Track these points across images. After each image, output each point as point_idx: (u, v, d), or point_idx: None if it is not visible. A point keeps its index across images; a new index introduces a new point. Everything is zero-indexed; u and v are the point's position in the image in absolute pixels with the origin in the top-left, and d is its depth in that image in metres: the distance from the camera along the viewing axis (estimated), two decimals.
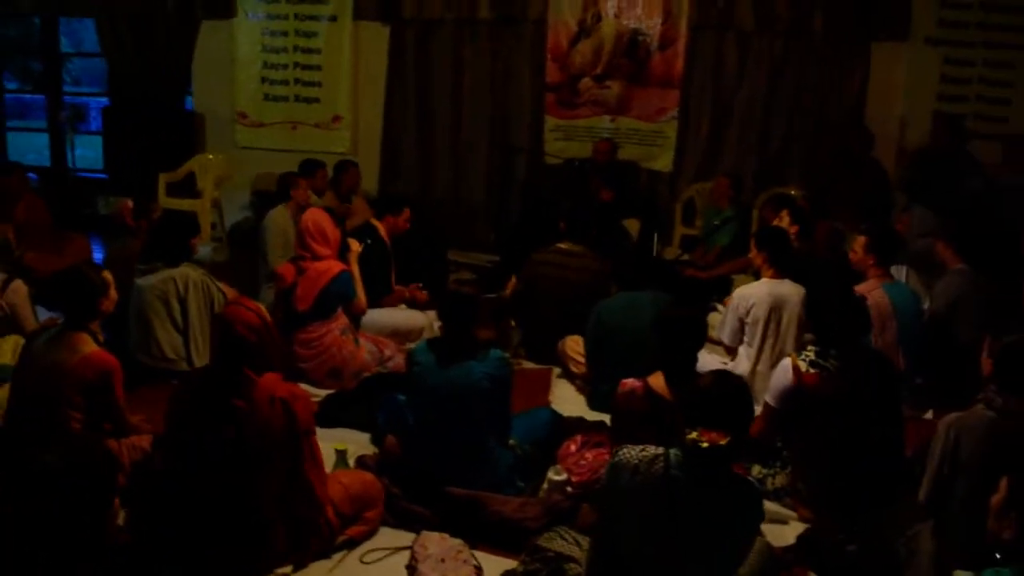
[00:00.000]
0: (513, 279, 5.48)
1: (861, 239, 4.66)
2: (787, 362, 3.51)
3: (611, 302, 4.51)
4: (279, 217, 5.79)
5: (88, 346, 3.33)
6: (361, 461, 3.63)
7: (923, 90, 7.29)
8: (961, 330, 4.55)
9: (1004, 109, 7.24)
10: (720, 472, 2.37)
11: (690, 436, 2.31)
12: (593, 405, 4.45)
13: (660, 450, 2.40)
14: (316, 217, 4.69)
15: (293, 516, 2.91)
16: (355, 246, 4.90)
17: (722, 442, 2.27)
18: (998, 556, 2.05)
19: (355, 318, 4.76)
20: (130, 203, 5.33)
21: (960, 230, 4.96)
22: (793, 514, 3.46)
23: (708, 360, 4.76)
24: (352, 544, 3.12)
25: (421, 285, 5.59)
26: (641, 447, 2.44)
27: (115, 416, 3.39)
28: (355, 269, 4.79)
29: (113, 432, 3.40)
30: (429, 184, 8.11)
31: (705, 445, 2.27)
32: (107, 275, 3.55)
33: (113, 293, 3.55)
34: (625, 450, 2.45)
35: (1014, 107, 7.21)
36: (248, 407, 2.81)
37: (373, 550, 3.12)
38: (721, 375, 2.57)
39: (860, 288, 4.55)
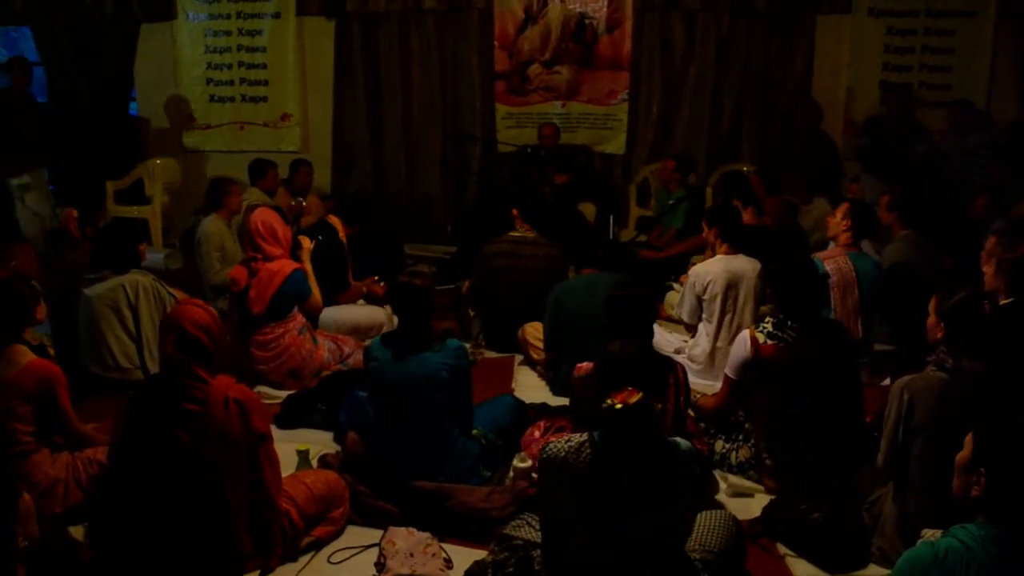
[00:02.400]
0: (468, 283, 5.43)
1: (844, 205, 4.74)
2: (745, 334, 3.54)
3: (569, 284, 4.51)
4: (212, 227, 5.64)
5: (26, 357, 3.26)
6: (324, 460, 3.59)
7: (868, 61, 7.38)
8: (912, 295, 4.62)
9: (946, 76, 7.34)
10: (643, 437, 2.32)
11: (605, 405, 2.29)
12: (555, 390, 4.45)
13: (584, 436, 2.40)
14: (265, 217, 4.62)
15: (256, 520, 2.86)
16: (306, 243, 4.84)
17: (632, 400, 2.26)
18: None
19: (312, 316, 4.70)
20: (75, 212, 5.21)
21: (907, 196, 5.03)
22: (758, 487, 3.49)
23: (669, 339, 4.81)
24: (319, 544, 3.09)
25: (378, 278, 5.54)
26: (567, 438, 2.43)
27: (64, 425, 3.32)
28: (308, 267, 4.73)
29: (66, 444, 3.33)
30: (383, 178, 8.04)
31: (619, 406, 2.26)
32: (36, 284, 3.50)
33: (42, 302, 3.51)
34: (551, 444, 2.45)
35: (956, 74, 7.32)
36: (202, 410, 2.75)
37: (341, 549, 3.09)
38: (623, 343, 2.55)
39: (825, 254, 4.61)
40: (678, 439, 2.46)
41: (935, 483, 2.64)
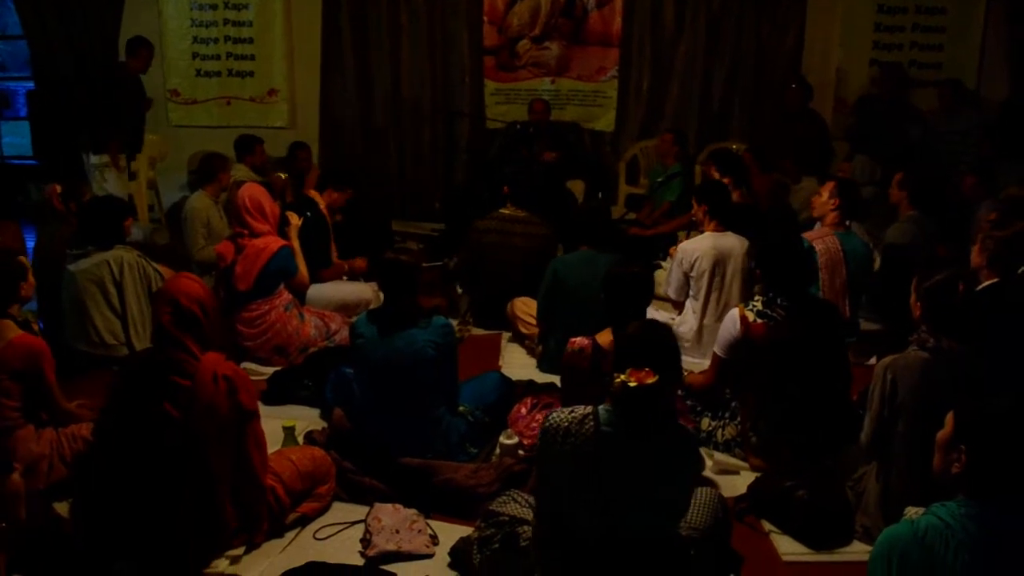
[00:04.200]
0: (460, 250, 5.42)
1: (829, 184, 4.70)
2: (735, 312, 3.54)
3: (568, 258, 4.50)
4: (199, 202, 5.60)
5: (11, 332, 3.24)
6: (310, 437, 3.59)
7: (858, 39, 7.37)
8: (907, 275, 4.62)
9: (937, 55, 7.34)
10: (651, 418, 2.33)
11: (618, 379, 2.29)
12: (543, 366, 4.46)
13: (589, 409, 2.39)
14: (252, 192, 4.58)
15: (241, 496, 2.86)
16: (294, 220, 4.81)
17: (649, 380, 2.26)
18: None
19: (299, 293, 4.67)
20: (58, 187, 5.15)
21: (919, 176, 5.01)
22: (744, 464, 3.51)
23: (656, 317, 4.79)
24: (305, 521, 3.08)
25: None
26: (570, 409, 2.42)
27: (49, 401, 3.30)
28: (296, 243, 4.70)
29: (50, 420, 3.31)
30: (371, 154, 7.98)
31: (633, 384, 2.25)
32: (23, 259, 3.46)
33: (30, 278, 3.47)
34: (554, 414, 2.43)
35: (947, 52, 7.32)
36: (191, 385, 2.73)
37: (326, 526, 3.08)
38: (647, 322, 2.57)
39: (813, 234, 4.61)
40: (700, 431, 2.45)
41: (918, 461, 2.65)
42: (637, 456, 2.31)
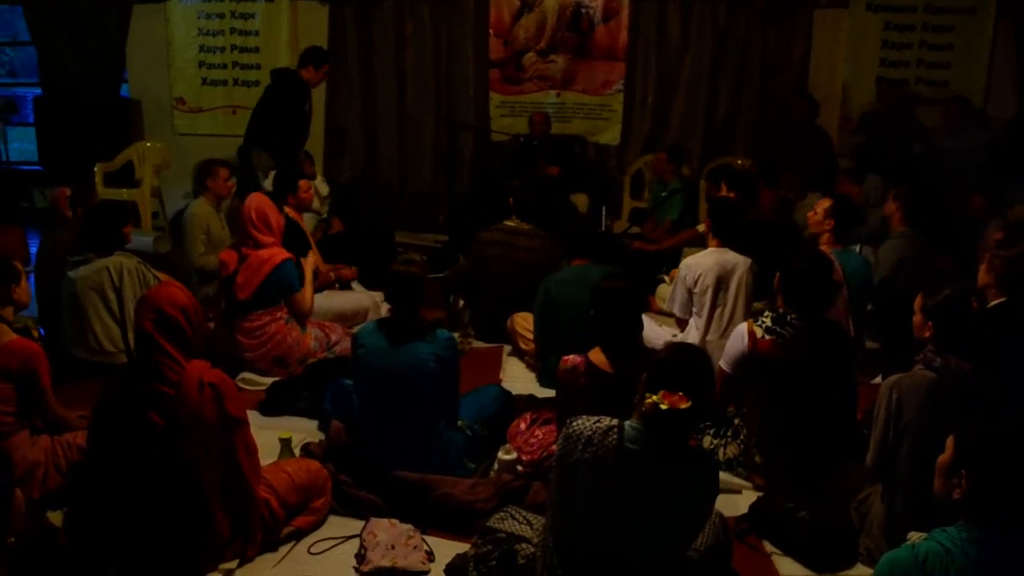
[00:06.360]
0: (461, 259, 5.40)
1: (825, 202, 4.64)
2: (743, 327, 3.48)
3: (560, 276, 4.47)
4: (198, 209, 5.57)
5: (6, 335, 3.21)
6: (306, 449, 3.55)
7: (865, 56, 7.35)
8: (906, 293, 4.58)
9: (944, 73, 7.31)
10: (676, 443, 2.31)
11: (650, 399, 2.25)
12: (543, 381, 4.42)
13: (615, 422, 2.35)
14: (259, 203, 4.55)
15: (233, 506, 2.82)
16: (311, 260, 4.79)
17: (683, 405, 2.22)
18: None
19: (299, 318, 4.58)
20: (67, 191, 5.12)
21: (915, 192, 4.98)
22: (746, 483, 3.46)
23: (659, 332, 4.77)
24: (299, 535, 3.04)
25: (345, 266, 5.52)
26: (596, 418, 2.38)
27: (43, 407, 3.26)
28: (308, 274, 4.69)
29: (46, 428, 3.28)
30: (374, 165, 7.99)
31: (665, 407, 2.22)
32: (17, 264, 3.44)
33: (24, 283, 3.45)
34: (579, 421, 2.39)
35: (953, 71, 7.29)
36: (175, 393, 2.70)
37: (321, 540, 3.04)
38: (683, 345, 2.54)
39: None
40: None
41: (923, 482, 2.60)
42: (657, 478, 2.28)
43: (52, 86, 8.33)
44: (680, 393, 2.24)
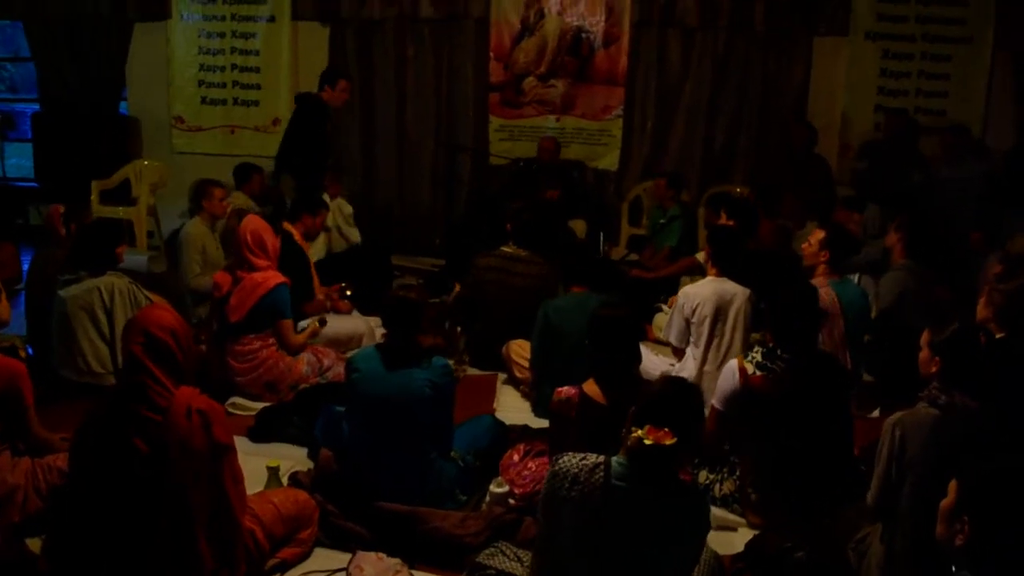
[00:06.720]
0: (457, 286, 5.35)
1: (819, 233, 4.60)
2: (733, 364, 3.44)
3: (559, 302, 4.42)
4: (194, 229, 5.55)
5: None
6: (294, 478, 3.48)
7: (864, 84, 7.35)
8: (906, 325, 4.54)
9: (942, 102, 7.31)
10: (664, 478, 2.27)
11: (635, 434, 2.21)
12: (537, 412, 4.36)
13: (601, 458, 2.31)
14: (255, 227, 4.50)
15: (218, 536, 2.75)
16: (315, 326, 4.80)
17: (667, 441, 2.18)
18: (954, 569, 1.98)
19: (284, 346, 4.51)
20: (61, 208, 5.07)
21: (917, 223, 4.94)
22: (741, 520, 3.39)
23: (655, 362, 4.71)
24: (284, 567, 2.97)
25: (344, 285, 5.45)
26: (582, 455, 2.34)
27: (24, 428, 3.18)
28: (307, 334, 4.68)
29: (27, 450, 3.21)
30: (372, 187, 7.96)
31: (649, 442, 2.18)
32: None
33: (3, 300, 3.40)
34: (565, 458, 2.35)
35: (951, 100, 7.29)
36: (162, 420, 2.63)
37: (307, 573, 2.98)
38: (673, 380, 2.51)
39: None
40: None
41: (924, 523, 2.54)
42: (646, 515, 2.23)
43: (51, 102, 8.32)
44: (665, 429, 2.20)
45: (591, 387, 3.09)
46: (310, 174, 6.19)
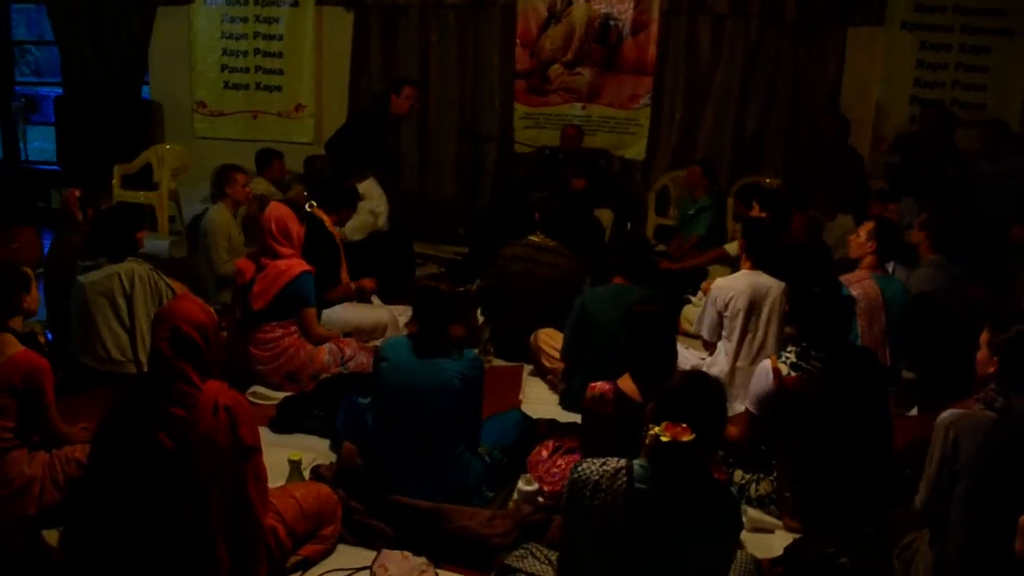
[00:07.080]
0: (477, 283, 5.25)
1: (868, 224, 4.50)
2: (767, 364, 3.33)
3: (598, 292, 4.30)
4: (219, 215, 5.47)
5: (12, 347, 3.06)
6: (316, 472, 3.39)
7: (899, 76, 7.17)
8: (937, 323, 4.41)
9: (980, 95, 7.12)
10: (689, 477, 2.15)
11: (652, 431, 2.10)
12: (565, 404, 4.25)
13: (622, 463, 2.20)
14: (279, 214, 4.41)
15: (237, 535, 2.66)
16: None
17: (685, 438, 2.06)
18: None
19: (306, 334, 4.43)
20: (77, 192, 4.99)
21: (943, 219, 4.81)
22: (778, 523, 3.27)
23: (686, 355, 4.59)
24: (307, 564, 2.89)
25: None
26: (602, 460, 2.24)
27: (44, 422, 3.11)
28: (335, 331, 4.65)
29: (43, 443, 3.14)
30: (396, 173, 7.84)
31: (667, 439, 2.07)
32: (27, 270, 3.29)
33: (35, 291, 3.31)
34: (585, 464, 2.25)
35: (990, 92, 7.10)
36: (188, 415, 2.55)
37: (329, 571, 2.89)
38: (695, 374, 2.40)
39: (851, 277, 4.39)
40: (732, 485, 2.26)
41: (977, 529, 2.42)
42: (672, 520, 2.11)
43: (74, 86, 8.28)
44: (684, 425, 2.09)
45: (626, 383, 2.99)
46: (345, 165, 6.16)
